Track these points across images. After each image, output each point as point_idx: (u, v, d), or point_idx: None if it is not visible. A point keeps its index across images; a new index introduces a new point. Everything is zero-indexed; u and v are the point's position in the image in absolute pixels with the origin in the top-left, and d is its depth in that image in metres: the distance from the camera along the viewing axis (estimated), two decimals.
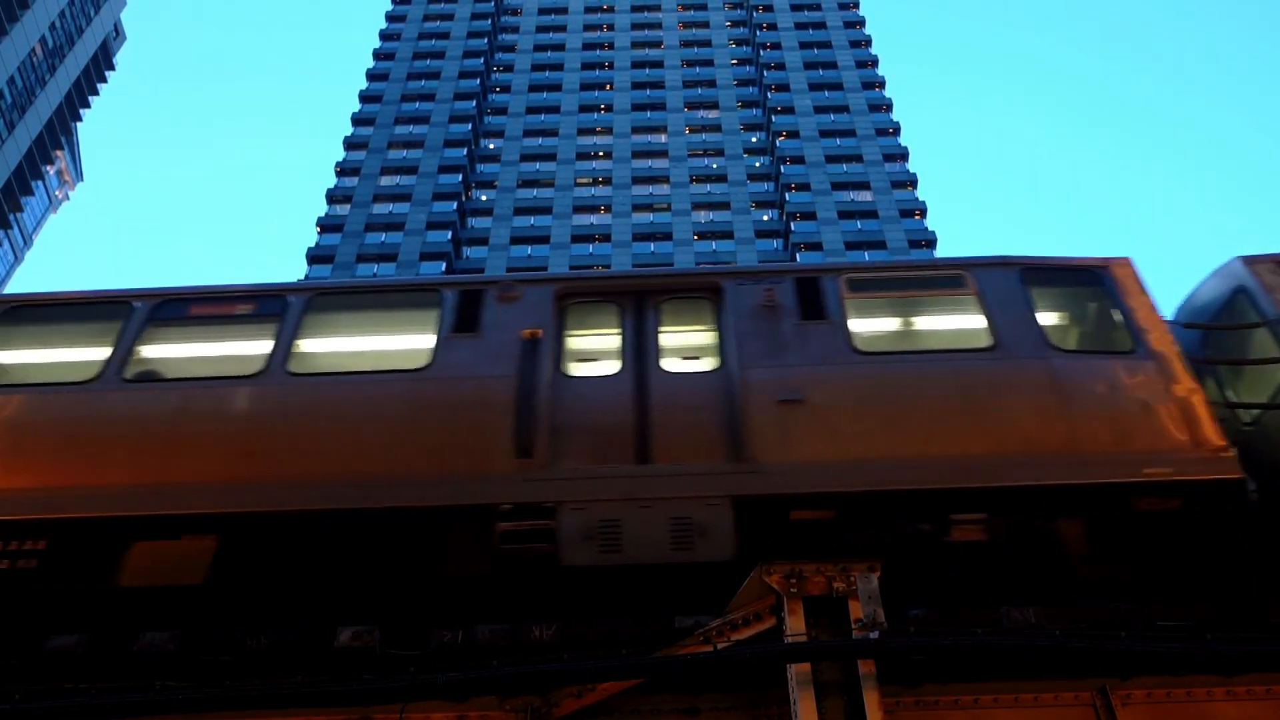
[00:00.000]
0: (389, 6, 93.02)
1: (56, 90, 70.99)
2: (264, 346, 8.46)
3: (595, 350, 8.57)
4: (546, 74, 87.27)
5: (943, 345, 8.61)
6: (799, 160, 76.70)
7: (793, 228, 71.33)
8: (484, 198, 76.67)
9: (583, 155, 79.58)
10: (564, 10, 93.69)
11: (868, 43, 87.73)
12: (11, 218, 67.44)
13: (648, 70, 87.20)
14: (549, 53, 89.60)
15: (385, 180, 76.82)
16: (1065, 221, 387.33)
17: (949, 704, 6.48)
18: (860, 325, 8.41)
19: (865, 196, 73.91)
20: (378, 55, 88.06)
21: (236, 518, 7.49)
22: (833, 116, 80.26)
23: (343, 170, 78.08)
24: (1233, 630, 6.45)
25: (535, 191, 76.58)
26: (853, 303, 8.52)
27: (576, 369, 8.31)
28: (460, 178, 76.40)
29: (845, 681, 6.11)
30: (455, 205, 74.10)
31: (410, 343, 8.76)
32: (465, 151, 78.47)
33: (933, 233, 70.45)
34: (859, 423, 7.71)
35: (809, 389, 7.86)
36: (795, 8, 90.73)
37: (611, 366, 8.31)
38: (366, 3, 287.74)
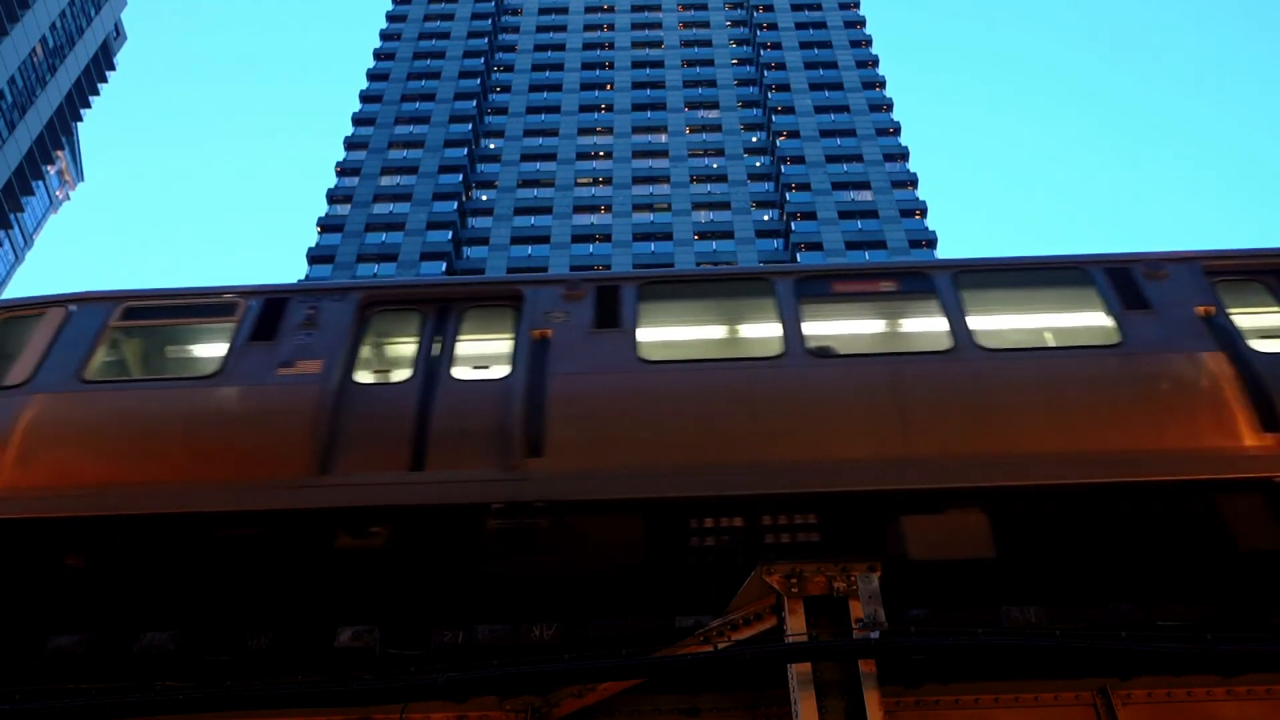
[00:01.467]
0: (389, 6, 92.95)
1: (57, 90, 70.95)
2: (933, 324, 8.57)
3: (1270, 328, 8.68)
4: (547, 74, 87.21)
5: None
6: (799, 160, 76.64)
7: (793, 228, 71.28)
8: (484, 198, 76.62)
9: (583, 155, 79.50)
10: (564, 10, 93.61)
11: (868, 43, 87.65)
12: (12, 218, 67.39)
13: (648, 70, 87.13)
14: (549, 53, 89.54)
15: (385, 180, 76.76)
16: (1065, 221, 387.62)
17: (949, 704, 6.49)
18: None
19: (865, 196, 73.84)
20: (378, 55, 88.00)
21: (994, 492, 7.51)
22: (833, 116, 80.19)
23: (343, 170, 78.02)
24: (1233, 630, 6.45)
25: (535, 191, 76.52)
26: None
27: (1261, 345, 8.35)
28: (460, 178, 76.35)
29: (846, 681, 6.11)
30: (455, 205, 74.04)
31: (1080, 320, 9.01)
32: (465, 151, 78.42)
33: (933, 233, 70.42)
34: None
35: None
36: (795, 8, 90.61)
37: None
38: (366, 3, 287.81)
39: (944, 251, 71.38)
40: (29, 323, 9.01)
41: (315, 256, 70.74)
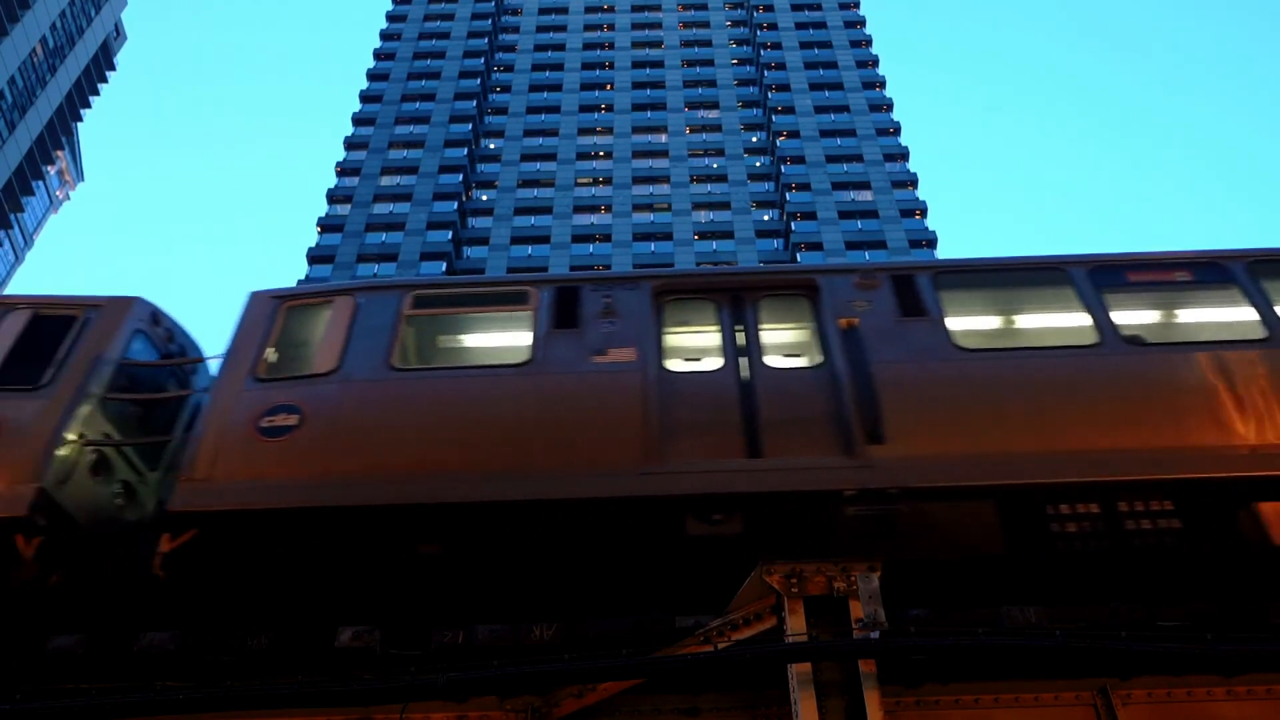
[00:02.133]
0: (389, 6, 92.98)
1: (57, 90, 70.96)
2: (1239, 313, 8.65)
3: None
4: (547, 74, 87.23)
5: None
6: (799, 160, 76.66)
7: (793, 228, 71.29)
8: (484, 198, 76.64)
9: (583, 155, 79.52)
10: (564, 10, 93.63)
11: (868, 43, 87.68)
12: (12, 218, 67.41)
13: (648, 70, 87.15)
14: (549, 53, 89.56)
15: (386, 180, 76.78)
16: (1065, 220, 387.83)
17: (949, 704, 6.49)
18: None
19: (866, 196, 73.86)
20: (378, 55, 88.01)
21: None
22: (833, 116, 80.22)
23: (343, 170, 78.04)
24: (1233, 630, 6.45)
25: (536, 191, 76.55)
26: None
27: None
28: (461, 178, 76.37)
29: (846, 681, 6.10)
30: (456, 205, 74.06)
31: None
32: (465, 151, 78.44)
33: (933, 233, 70.45)
34: None
35: None
36: (795, 8, 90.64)
37: None
38: (367, 3, 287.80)
39: (944, 251, 71.48)
40: (316, 311, 9.16)
41: (315, 256, 70.76)
